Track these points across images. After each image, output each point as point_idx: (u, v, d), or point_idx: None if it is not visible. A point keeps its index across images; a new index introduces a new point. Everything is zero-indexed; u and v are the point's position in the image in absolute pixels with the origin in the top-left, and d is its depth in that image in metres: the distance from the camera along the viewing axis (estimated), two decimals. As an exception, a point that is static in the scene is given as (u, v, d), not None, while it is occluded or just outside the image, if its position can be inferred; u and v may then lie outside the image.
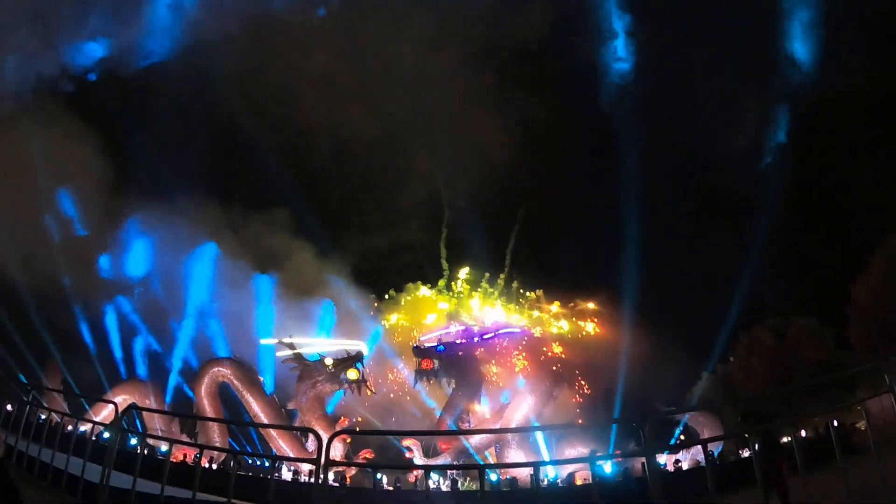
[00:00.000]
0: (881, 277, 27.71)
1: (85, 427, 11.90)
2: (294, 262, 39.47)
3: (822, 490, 6.16)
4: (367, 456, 26.15)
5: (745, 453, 20.73)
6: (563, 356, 41.01)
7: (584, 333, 46.68)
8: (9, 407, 10.84)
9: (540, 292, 48.86)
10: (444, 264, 49.29)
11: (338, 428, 24.11)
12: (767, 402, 24.81)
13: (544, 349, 40.81)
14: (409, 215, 48.31)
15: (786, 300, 34.07)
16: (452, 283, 49.19)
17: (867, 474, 5.91)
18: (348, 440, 24.65)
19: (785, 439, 15.45)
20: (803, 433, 18.74)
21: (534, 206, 48.30)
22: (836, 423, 9.23)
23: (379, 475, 22.68)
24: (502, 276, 49.12)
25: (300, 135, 44.40)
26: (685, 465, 22.36)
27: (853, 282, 29.13)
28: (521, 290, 48.94)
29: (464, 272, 48.71)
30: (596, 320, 46.92)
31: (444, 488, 23.02)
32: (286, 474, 22.60)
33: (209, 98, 39.73)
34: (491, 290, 48.85)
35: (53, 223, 33.55)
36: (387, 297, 46.87)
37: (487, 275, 48.90)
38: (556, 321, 47.26)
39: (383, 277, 46.68)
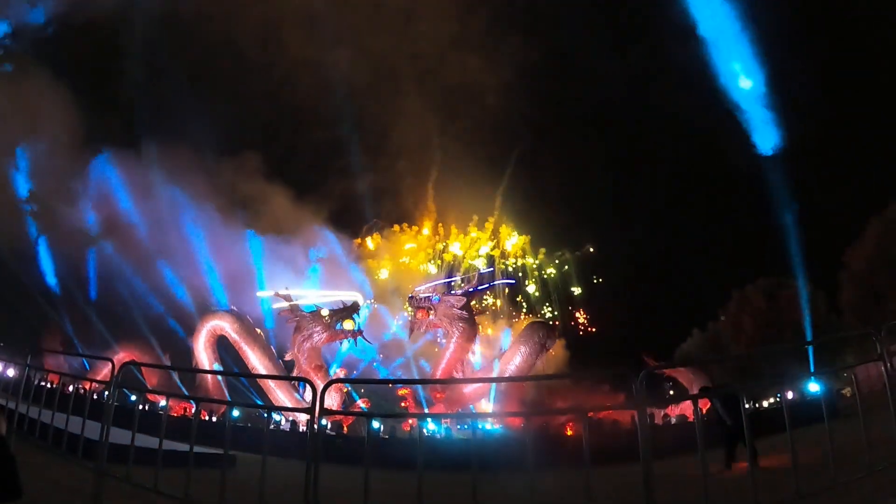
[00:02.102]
0: (875, 246, 27.81)
1: (84, 386, 12.06)
2: (277, 209, 38.99)
3: (807, 452, 6.28)
4: (363, 405, 26.77)
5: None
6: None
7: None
8: (10, 372, 10.93)
9: (527, 238, 48.68)
10: (432, 206, 48.77)
11: (333, 378, 24.55)
12: (754, 361, 25.26)
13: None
14: (399, 159, 47.58)
15: (779, 262, 34.28)
16: (439, 226, 48.85)
17: (852, 439, 6.02)
18: (345, 390, 25.18)
19: (771, 400, 15.89)
20: (790, 395, 19.15)
21: (527, 151, 47.62)
22: (821, 387, 9.37)
23: (376, 424, 23.25)
24: (491, 219, 48.76)
25: (286, 78, 43.32)
26: (673, 420, 22.94)
27: (848, 249, 29.26)
28: (509, 235, 48.82)
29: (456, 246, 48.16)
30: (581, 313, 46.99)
31: (438, 436, 23.70)
32: (284, 424, 23.15)
33: (188, 42, 38.53)
34: (479, 232, 48.60)
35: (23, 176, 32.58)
36: (376, 234, 46.42)
37: (476, 217, 48.51)
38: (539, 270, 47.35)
39: (370, 220, 46.36)
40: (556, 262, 49.14)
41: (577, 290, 48.32)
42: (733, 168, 38.28)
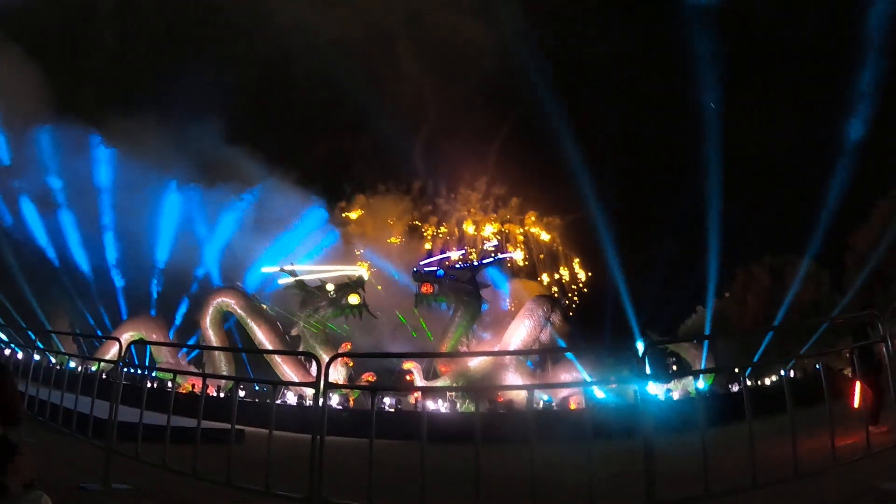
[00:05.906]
0: (881, 228, 27.73)
1: (93, 366, 12.19)
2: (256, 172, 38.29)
3: (807, 431, 6.34)
4: (369, 379, 27.01)
5: (735, 388, 21.30)
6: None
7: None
8: (19, 355, 11.09)
9: (518, 200, 48.01)
10: (420, 164, 48.06)
11: (340, 352, 24.73)
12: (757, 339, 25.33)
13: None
14: (388, 119, 46.67)
15: (785, 240, 34.00)
16: (429, 185, 48.22)
17: (853, 420, 6.06)
18: (350, 363, 25.40)
19: (773, 378, 15.96)
20: (792, 373, 19.19)
21: (523, 116, 46.70)
22: (819, 366, 9.30)
23: (386, 399, 23.56)
24: (483, 178, 48.10)
25: (274, 39, 42.49)
26: (676, 396, 23.06)
27: (854, 230, 29.16)
28: (501, 201, 48.22)
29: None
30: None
31: (443, 410, 23.98)
32: (291, 399, 23.44)
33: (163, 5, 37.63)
34: (469, 192, 47.98)
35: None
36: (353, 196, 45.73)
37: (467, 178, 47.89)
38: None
39: (353, 181, 45.86)
40: (555, 231, 48.60)
41: (578, 262, 47.97)
42: (742, 144, 37.77)
